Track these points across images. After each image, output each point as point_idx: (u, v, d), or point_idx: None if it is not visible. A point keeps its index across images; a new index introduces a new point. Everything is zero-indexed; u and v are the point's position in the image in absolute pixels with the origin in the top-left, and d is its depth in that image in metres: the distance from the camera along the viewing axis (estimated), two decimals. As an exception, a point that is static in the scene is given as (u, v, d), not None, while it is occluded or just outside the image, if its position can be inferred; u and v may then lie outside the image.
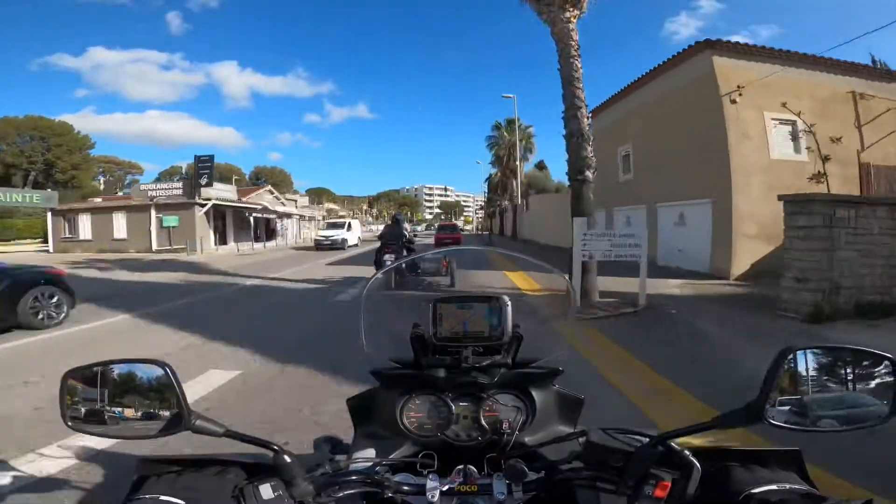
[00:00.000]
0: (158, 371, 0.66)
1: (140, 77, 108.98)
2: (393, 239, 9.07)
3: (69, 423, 0.66)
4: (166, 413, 0.66)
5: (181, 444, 1.26)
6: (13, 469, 2.37)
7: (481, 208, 51.19)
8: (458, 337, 0.97)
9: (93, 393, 0.67)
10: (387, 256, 8.69)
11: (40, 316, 5.62)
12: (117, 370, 0.68)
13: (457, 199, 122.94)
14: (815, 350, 0.64)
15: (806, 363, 0.63)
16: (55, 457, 2.49)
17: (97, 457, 2.47)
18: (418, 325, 1.00)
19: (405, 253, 8.72)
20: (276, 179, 65.54)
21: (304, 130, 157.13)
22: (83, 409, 0.67)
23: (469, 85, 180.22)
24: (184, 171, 53.41)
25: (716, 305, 6.51)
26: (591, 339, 4.84)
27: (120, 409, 0.67)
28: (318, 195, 71.54)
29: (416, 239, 12.35)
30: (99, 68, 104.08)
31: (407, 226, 10.77)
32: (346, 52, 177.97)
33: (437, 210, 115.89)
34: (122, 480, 0.66)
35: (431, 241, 22.25)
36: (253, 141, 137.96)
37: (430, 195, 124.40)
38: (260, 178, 64.62)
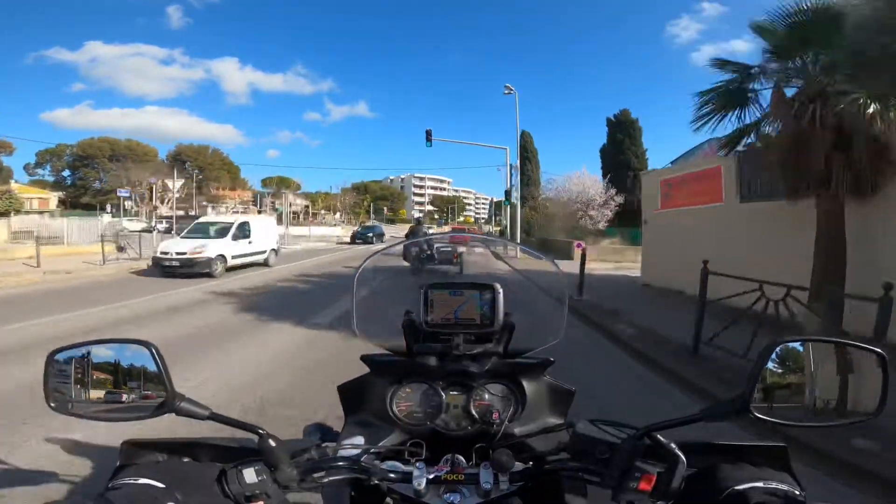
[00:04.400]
0: (144, 352, 0.72)
1: (138, 72, 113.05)
2: (416, 236, 13.33)
3: (52, 405, 0.72)
4: (151, 395, 0.72)
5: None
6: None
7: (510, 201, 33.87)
8: (449, 324, 1.05)
9: (78, 373, 0.73)
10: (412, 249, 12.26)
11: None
12: (103, 350, 0.74)
13: (455, 194, 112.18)
14: (802, 343, 0.70)
15: (793, 356, 0.69)
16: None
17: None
18: (410, 311, 1.08)
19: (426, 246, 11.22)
20: (203, 163, 53.32)
21: (304, 128, 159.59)
22: (67, 390, 0.72)
23: (471, 83, 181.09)
24: (74, 150, 50.51)
25: None
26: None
27: (105, 390, 0.73)
28: (278, 186, 59.35)
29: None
30: (96, 62, 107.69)
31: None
32: (347, 49, 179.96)
33: (430, 207, 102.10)
34: (107, 464, 0.72)
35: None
36: (252, 138, 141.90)
37: (421, 187, 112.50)
38: (183, 160, 53.34)
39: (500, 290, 1.06)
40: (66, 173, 53.83)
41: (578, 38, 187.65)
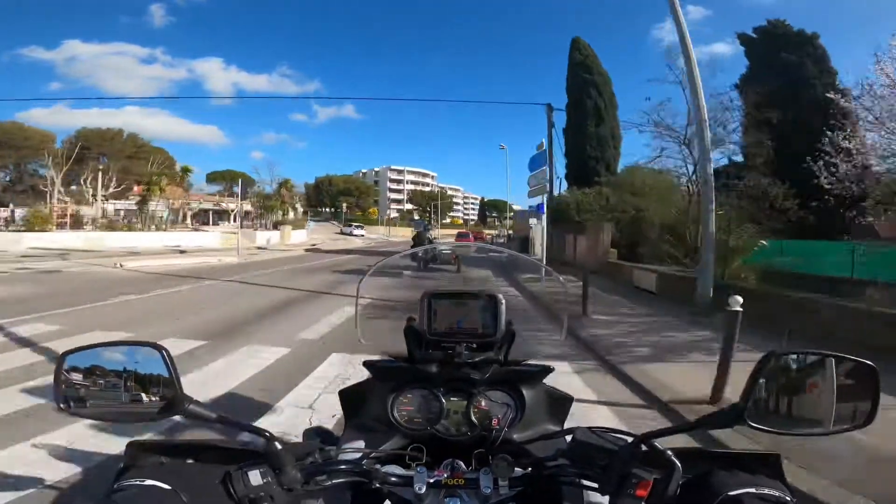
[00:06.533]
0: (155, 354, 0.75)
1: (119, 71, 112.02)
2: (421, 240, 18.00)
3: (62, 406, 0.74)
4: (161, 397, 0.75)
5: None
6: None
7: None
8: (451, 332, 1.10)
9: (88, 375, 0.75)
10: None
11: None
12: (114, 352, 0.77)
13: (440, 189, 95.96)
14: (797, 354, 0.76)
15: (788, 367, 0.75)
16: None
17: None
18: (413, 318, 1.14)
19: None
20: (111, 150, 40.57)
21: (290, 129, 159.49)
22: (78, 391, 0.75)
23: (461, 85, 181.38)
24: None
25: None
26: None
27: (115, 392, 0.75)
28: (227, 182, 46.70)
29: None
30: (74, 61, 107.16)
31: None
32: (333, 50, 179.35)
33: (410, 206, 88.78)
34: (111, 465, 0.74)
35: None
36: (237, 139, 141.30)
37: (400, 181, 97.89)
38: (86, 147, 39.70)
39: (503, 301, 1.12)
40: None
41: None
